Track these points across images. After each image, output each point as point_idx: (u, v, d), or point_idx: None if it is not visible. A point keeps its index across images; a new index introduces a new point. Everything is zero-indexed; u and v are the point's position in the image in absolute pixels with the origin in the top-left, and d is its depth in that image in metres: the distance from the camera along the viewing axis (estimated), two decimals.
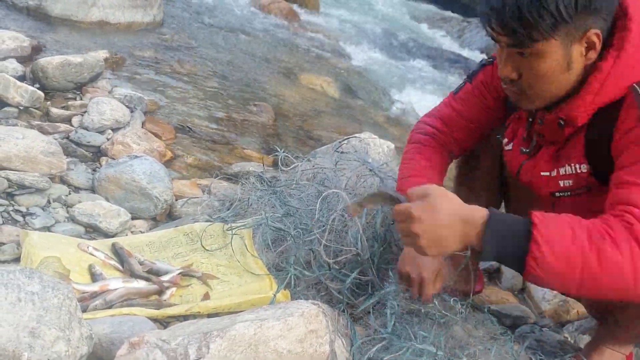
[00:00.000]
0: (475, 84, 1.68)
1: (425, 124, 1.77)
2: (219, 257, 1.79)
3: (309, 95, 3.90)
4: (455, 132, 1.71)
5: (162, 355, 1.16)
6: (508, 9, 1.25)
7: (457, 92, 1.74)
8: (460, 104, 1.71)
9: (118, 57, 3.37)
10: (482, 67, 1.68)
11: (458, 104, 1.71)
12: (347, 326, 1.55)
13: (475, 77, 1.68)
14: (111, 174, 2.02)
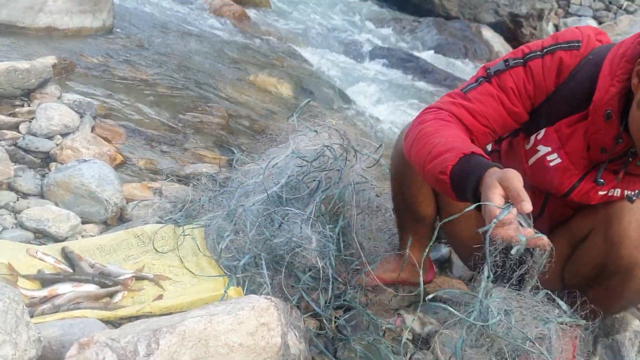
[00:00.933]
0: (501, 87, 1.49)
1: (440, 112, 1.51)
2: (170, 258, 1.80)
3: (262, 96, 3.91)
4: (472, 133, 1.50)
5: (112, 354, 1.16)
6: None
7: (468, 91, 1.52)
8: (476, 105, 1.49)
9: (67, 63, 3.31)
10: (509, 69, 1.48)
11: (473, 105, 1.49)
12: (300, 319, 1.58)
13: (500, 79, 1.49)
14: (60, 179, 2.00)
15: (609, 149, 1.42)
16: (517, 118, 1.52)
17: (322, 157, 1.85)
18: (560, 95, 1.46)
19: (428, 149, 1.38)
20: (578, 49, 1.44)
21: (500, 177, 1.20)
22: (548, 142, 1.50)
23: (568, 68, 1.44)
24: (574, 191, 1.51)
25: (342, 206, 1.85)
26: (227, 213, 1.86)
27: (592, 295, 1.58)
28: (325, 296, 1.74)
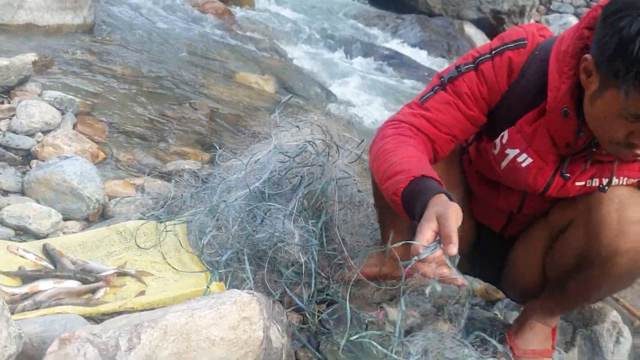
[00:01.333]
0: (456, 93, 1.52)
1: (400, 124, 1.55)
2: (153, 254, 1.80)
3: (245, 92, 3.91)
4: (434, 142, 1.54)
5: (94, 349, 1.16)
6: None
7: (425, 101, 1.55)
8: (435, 114, 1.52)
9: (48, 60, 3.29)
10: (461, 75, 1.52)
11: (432, 114, 1.53)
12: (282, 313, 1.59)
13: (454, 85, 1.52)
14: (41, 176, 1.99)
15: (572, 144, 1.45)
16: (475, 122, 1.55)
17: (304, 153, 1.86)
18: (514, 93, 1.49)
19: (384, 167, 1.43)
20: (525, 46, 1.48)
21: (439, 213, 1.24)
22: (514, 144, 1.53)
23: (518, 66, 1.48)
24: (550, 187, 1.53)
25: (325, 201, 1.86)
26: (210, 209, 1.86)
27: (572, 286, 1.61)
28: (308, 291, 1.75)
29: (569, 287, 1.62)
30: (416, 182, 1.33)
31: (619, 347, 1.94)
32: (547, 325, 1.77)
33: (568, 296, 1.66)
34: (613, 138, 1.34)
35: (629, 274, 1.54)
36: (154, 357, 1.17)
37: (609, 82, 1.26)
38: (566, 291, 1.64)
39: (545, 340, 1.78)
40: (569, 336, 1.99)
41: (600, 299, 1.87)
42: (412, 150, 1.45)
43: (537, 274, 1.71)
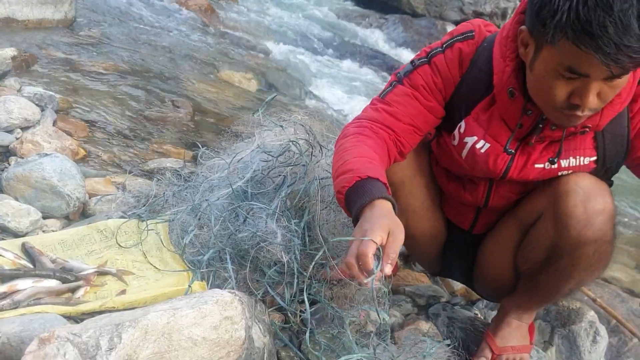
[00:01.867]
0: (412, 86, 1.57)
1: (362, 121, 1.59)
2: (134, 253, 1.78)
3: (228, 90, 3.89)
4: (397, 134, 1.57)
5: (73, 349, 1.15)
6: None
7: (385, 95, 1.60)
8: (396, 107, 1.57)
9: (27, 55, 3.24)
10: (416, 68, 1.57)
11: (393, 107, 1.57)
12: (264, 313, 1.59)
13: (410, 79, 1.57)
14: (20, 173, 1.96)
15: (524, 123, 1.50)
16: (435, 112, 1.60)
17: (287, 152, 1.86)
18: (467, 83, 1.55)
19: (337, 165, 1.46)
20: (473, 38, 1.55)
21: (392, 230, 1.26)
22: (472, 131, 1.57)
23: (468, 56, 1.55)
24: (509, 170, 1.56)
25: (308, 201, 1.85)
26: (192, 208, 1.85)
27: (543, 279, 1.64)
28: (290, 290, 1.75)
29: (540, 280, 1.65)
30: (361, 182, 1.36)
31: (596, 346, 1.97)
32: (523, 321, 1.80)
33: (541, 289, 1.68)
34: (555, 103, 1.35)
35: (597, 263, 1.57)
36: (135, 356, 1.16)
37: (542, 41, 1.30)
38: (538, 284, 1.67)
39: (523, 337, 1.81)
40: (547, 336, 2.02)
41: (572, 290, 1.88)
42: (366, 149, 1.48)
43: (508, 270, 1.74)
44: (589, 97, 1.30)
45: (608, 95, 1.32)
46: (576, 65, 1.26)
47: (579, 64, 1.25)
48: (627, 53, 1.19)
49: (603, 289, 2.43)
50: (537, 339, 1.96)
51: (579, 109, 1.33)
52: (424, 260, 2.07)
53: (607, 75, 1.26)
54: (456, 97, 1.58)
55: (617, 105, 1.43)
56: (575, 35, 1.21)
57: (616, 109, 1.44)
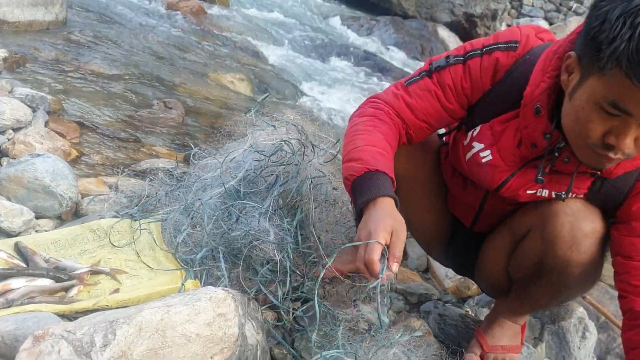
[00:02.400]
0: (439, 83, 1.55)
1: (380, 104, 1.59)
2: (127, 252, 1.79)
3: (220, 92, 3.90)
4: (409, 127, 1.59)
5: (68, 346, 1.16)
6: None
7: (410, 84, 1.58)
8: (415, 100, 1.56)
9: (18, 57, 3.24)
10: (449, 66, 1.54)
11: (412, 100, 1.56)
12: (257, 310, 1.60)
13: (440, 75, 1.55)
14: (12, 173, 1.96)
15: (539, 145, 1.45)
16: (453, 114, 1.58)
17: (280, 152, 1.87)
18: (496, 93, 1.51)
19: (350, 148, 1.48)
20: (515, 49, 1.49)
21: (395, 229, 1.32)
22: (482, 139, 1.55)
23: (504, 67, 1.50)
24: (503, 187, 1.55)
25: (300, 200, 1.87)
26: (185, 207, 1.86)
27: (534, 290, 1.65)
28: (283, 288, 1.76)
29: (531, 291, 1.67)
30: (369, 174, 1.38)
31: (585, 342, 1.99)
32: (515, 322, 1.82)
33: (532, 299, 1.70)
34: (589, 139, 1.28)
35: (583, 283, 1.60)
36: (129, 353, 1.17)
37: (591, 69, 1.23)
38: (530, 294, 1.68)
39: (514, 337, 1.82)
40: (537, 332, 2.04)
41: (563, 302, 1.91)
42: (379, 138, 1.49)
43: (503, 272, 1.75)
44: (627, 139, 1.23)
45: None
46: (622, 100, 1.19)
47: (625, 99, 1.18)
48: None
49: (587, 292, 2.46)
50: (527, 335, 1.98)
51: (613, 151, 1.27)
52: (430, 252, 2.07)
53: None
54: (482, 103, 1.55)
55: (637, 161, 1.39)
56: (630, 67, 1.13)
57: (636, 163, 1.40)
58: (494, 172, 1.54)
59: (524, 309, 1.78)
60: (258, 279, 1.76)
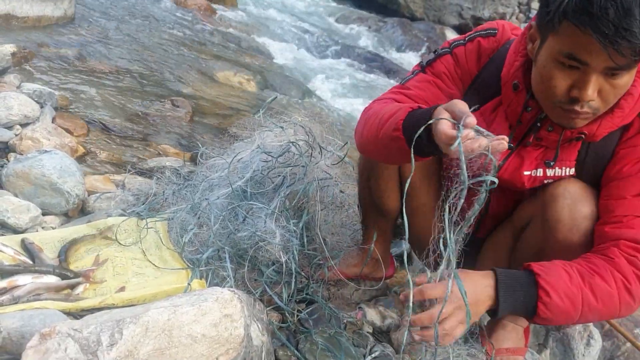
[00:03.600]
0: (434, 73, 1.61)
1: (381, 99, 1.62)
2: (133, 251, 1.79)
3: (226, 91, 3.90)
4: None
5: (74, 344, 1.16)
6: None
7: (406, 82, 1.65)
8: (415, 92, 1.60)
9: (27, 52, 3.24)
10: (438, 57, 1.62)
11: (413, 92, 1.61)
12: (263, 311, 1.60)
13: (433, 67, 1.62)
14: (20, 169, 1.97)
15: (523, 120, 1.50)
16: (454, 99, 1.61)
17: (287, 153, 1.87)
18: (482, 79, 1.59)
19: (377, 119, 1.45)
20: (494, 35, 1.59)
21: (446, 106, 1.25)
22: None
23: (486, 51, 1.58)
24: (501, 170, 1.58)
25: (306, 201, 1.87)
26: (191, 206, 1.86)
27: None
28: (288, 290, 1.76)
29: None
30: (413, 112, 1.35)
31: (589, 350, 1.98)
32: (519, 324, 1.81)
33: None
34: (555, 96, 1.34)
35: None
36: (136, 352, 1.17)
37: (547, 31, 1.31)
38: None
39: (518, 339, 1.82)
40: (542, 338, 2.03)
41: None
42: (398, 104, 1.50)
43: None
44: (588, 90, 1.29)
45: (609, 95, 1.32)
46: (576, 50, 1.26)
47: (578, 49, 1.25)
48: (626, 36, 1.19)
49: None
50: (532, 341, 1.97)
51: (578, 104, 1.32)
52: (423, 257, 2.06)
53: (607, 65, 1.25)
54: (471, 90, 1.61)
55: (617, 119, 1.43)
56: (575, 16, 1.21)
57: (616, 122, 1.43)
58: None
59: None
60: (263, 279, 1.76)
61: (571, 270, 1.34)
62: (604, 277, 1.33)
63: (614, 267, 1.34)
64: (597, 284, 1.33)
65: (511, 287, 1.34)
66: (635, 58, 1.24)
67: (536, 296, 1.32)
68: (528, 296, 1.33)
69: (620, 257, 1.35)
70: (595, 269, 1.34)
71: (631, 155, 1.45)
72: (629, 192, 1.42)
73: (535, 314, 1.34)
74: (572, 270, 1.34)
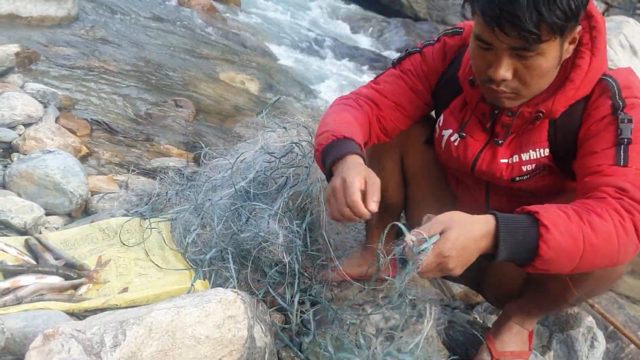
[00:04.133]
0: (402, 70, 1.68)
1: (349, 95, 1.71)
2: (136, 251, 1.79)
3: (229, 91, 3.90)
4: (380, 109, 1.66)
5: (78, 345, 1.16)
6: (527, 12, 1.24)
7: (377, 77, 1.72)
8: (384, 85, 1.68)
9: (30, 52, 3.24)
10: (408, 56, 1.69)
11: (381, 86, 1.68)
12: (266, 313, 1.59)
13: (402, 64, 1.69)
14: (23, 169, 1.97)
15: (486, 112, 1.54)
16: (421, 96, 1.68)
17: (290, 154, 1.87)
18: (448, 76, 1.63)
19: (318, 129, 1.56)
20: (460, 34, 1.64)
21: (366, 174, 1.36)
22: (448, 125, 1.64)
23: (451, 49, 1.64)
24: (477, 162, 1.60)
25: (310, 202, 1.86)
26: (194, 207, 1.86)
27: (552, 285, 1.63)
28: (291, 291, 1.76)
29: (549, 287, 1.65)
30: (336, 141, 1.46)
31: (593, 352, 1.98)
32: (524, 328, 1.81)
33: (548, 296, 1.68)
34: (480, 74, 1.42)
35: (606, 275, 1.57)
36: (139, 354, 1.17)
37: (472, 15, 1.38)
38: (547, 291, 1.67)
39: (523, 343, 1.82)
40: (546, 340, 2.02)
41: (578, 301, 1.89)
42: (346, 115, 1.59)
43: (518, 277, 1.74)
44: (498, 69, 1.35)
45: (526, 76, 1.36)
46: (480, 31, 1.35)
47: (481, 30, 1.34)
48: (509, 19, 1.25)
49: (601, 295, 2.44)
50: (536, 343, 1.97)
51: (494, 82, 1.38)
52: None
53: (508, 45, 1.31)
54: (439, 88, 1.66)
55: (570, 92, 1.44)
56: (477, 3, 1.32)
57: (569, 94, 1.44)
58: (466, 150, 1.61)
59: (537, 309, 1.77)
60: (266, 280, 1.76)
61: (567, 210, 1.31)
62: (600, 215, 1.30)
63: (607, 205, 1.32)
64: (594, 221, 1.29)
65: (511, 226, 1.29)
66: (527, 38, 1.28)
67: (537, 234, 1.27)
68: (528, 235, 1.28)
69: (609, 197, 1.34)
70: (590, 208, 1.31)
71: (595, 115, 1.45)
72: (599, 146, 1.41)
73: (537, 254, 1.28)
74: (568, 209, 1.31)
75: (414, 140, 1.77)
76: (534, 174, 1.57)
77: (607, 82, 1.44)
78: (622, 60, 5.87)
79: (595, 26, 1.42)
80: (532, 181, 1.59)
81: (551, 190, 1.61)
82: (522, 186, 1.61)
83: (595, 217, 1.30)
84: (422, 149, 1.76)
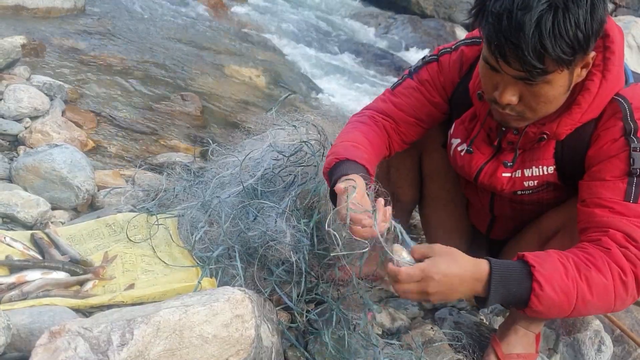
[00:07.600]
0: (419, 80, 1.67)
1: (365, 111, 1.73)
2: (143, 247, 1.78)
3: (236, 86, 3.88)
4: (398, 124, 1.68)
5: (84, 343, 1.14)
6: (530, 45, 1.21)
7: (395, 87, 1.72)
8: (401, 99, 1.68)
9: (37, 44, 3.23)
10: (425, 64, 1.68)
11: (398, 99, 1.69)
12: (272, 312, 1.58)
13: (419, 74, 1.68)
14: (29, 163, 1.96)
15: (493, 126, 1.54)
16: (439, 108, 1.68)
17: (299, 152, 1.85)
18: (464, 86, 1.61)
19: (329, 152, 1.61)
20: (479, 44, 1.59)
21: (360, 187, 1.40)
22: (457, 134, 1.65)
23: (469, 60, 1.62)
24: (480, 174, 1.60)
25: (317, 201, 1.85)
26: (202, 204, 1.84)
27: None
28: (298, 290, 1.75)
29: None
30: (338, 163, 1.50)
31: (600, 356, 1.96)
32: (531, 330, 1.80)
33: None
34: (487, 93, 1.41)
35: None
36: (147, 353, 1.16)
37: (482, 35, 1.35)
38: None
39: (529, 345, 1.80)
40: (552, 343, 2.01)
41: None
42: (356, 135, 1.61)
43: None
44: (503, 94, 1.34)
45: (531, 101, 1.34)
46: (486, 55, 1.33)
47: (487, 55, 1.32)
48: (513, 50, 1.23)
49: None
50: (542, 345, 1.96)
51: (500, 105, 1.37)
52: None
53: (512, 74, 1.29)
54: (454, 97, 1.65)
55: (576, 115, 1.42)
56: (479, 21, 1.30)
57: (575, 117, 1.42)
58: (471, 161, 1.61)
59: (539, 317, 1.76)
60: (273, 279, 1.74)
61: (567, 262, 1.29)
62: (600, 270, 1.28)
63: (610, 259, 1.30)
64: (593, 277, 1.28)
65: (504, 277, 1.29)
66: (530, 72, 1.26)
67: (529, 288, 1.27)
68: (521, 287, 1.28)
69: (615, 247, 1.31)
70: (592, 260, 1.29)
71: (605, 137, 1.42)
72: (609, 173, 1.39)
73: (527, 305, 1.29)
74: (568, 262, 1.29)
75: (432, 142, 1.79)
76: (537, 190, 1.57)
77: (619, 102, 1.41)
78: (629, 61, 5.83)
79: (609, 46, 1.38)
80: (536, 195, 1.59)
81: (555, 202, 1.60)
82: (525, 199, 1.61)
83: (594, 273, 1.29)
84: (439, 150, 1.77)
